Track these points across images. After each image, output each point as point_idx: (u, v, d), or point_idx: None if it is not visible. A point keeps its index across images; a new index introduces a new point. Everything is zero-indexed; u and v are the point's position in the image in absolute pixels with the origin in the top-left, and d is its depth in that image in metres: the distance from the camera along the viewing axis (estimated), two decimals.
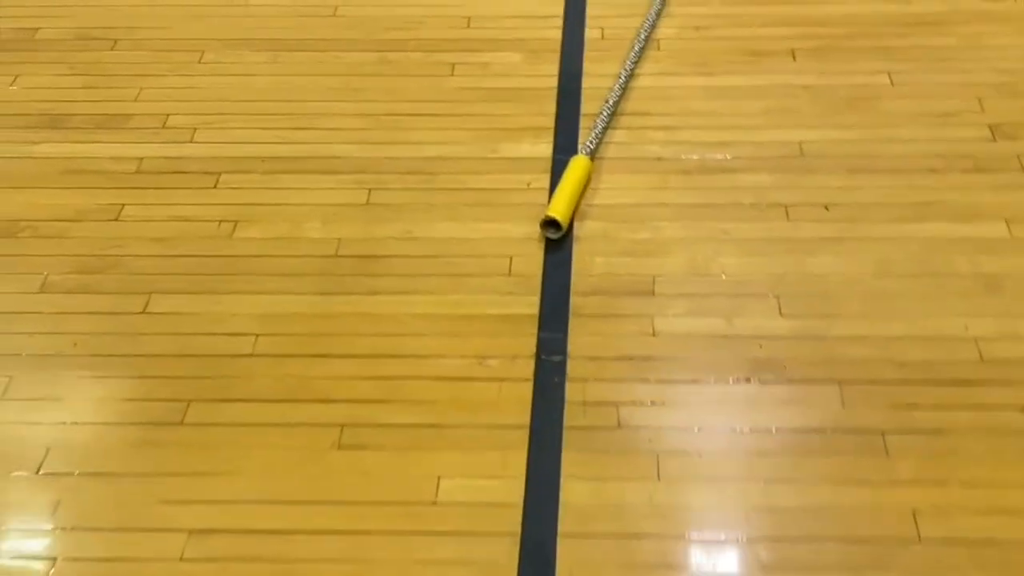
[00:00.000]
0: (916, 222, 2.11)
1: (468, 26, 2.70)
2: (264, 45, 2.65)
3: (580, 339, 1.92)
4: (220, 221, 2.17)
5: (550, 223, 2.10)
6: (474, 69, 2.56)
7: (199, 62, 2.61)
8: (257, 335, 1.94)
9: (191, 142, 2.37)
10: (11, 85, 2.56)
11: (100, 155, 2.35)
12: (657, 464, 1.74)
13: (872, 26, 2.64)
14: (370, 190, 2.24)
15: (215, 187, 2.25)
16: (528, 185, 2.24)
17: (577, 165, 2.21)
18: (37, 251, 2.13)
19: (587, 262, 2.06)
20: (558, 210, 2.10)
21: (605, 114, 2.37)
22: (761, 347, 1.89)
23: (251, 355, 1.91)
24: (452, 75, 2.55)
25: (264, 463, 1.76)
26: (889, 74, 2.48)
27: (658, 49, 2.60)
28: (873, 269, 2.02)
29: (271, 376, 1.88)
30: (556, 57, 2.59)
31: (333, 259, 2.08)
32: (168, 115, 2.44)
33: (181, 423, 1.81)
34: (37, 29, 2.73)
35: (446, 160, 2.30)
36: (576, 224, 2.14)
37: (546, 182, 2.24)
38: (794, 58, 2.54)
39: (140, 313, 2.00)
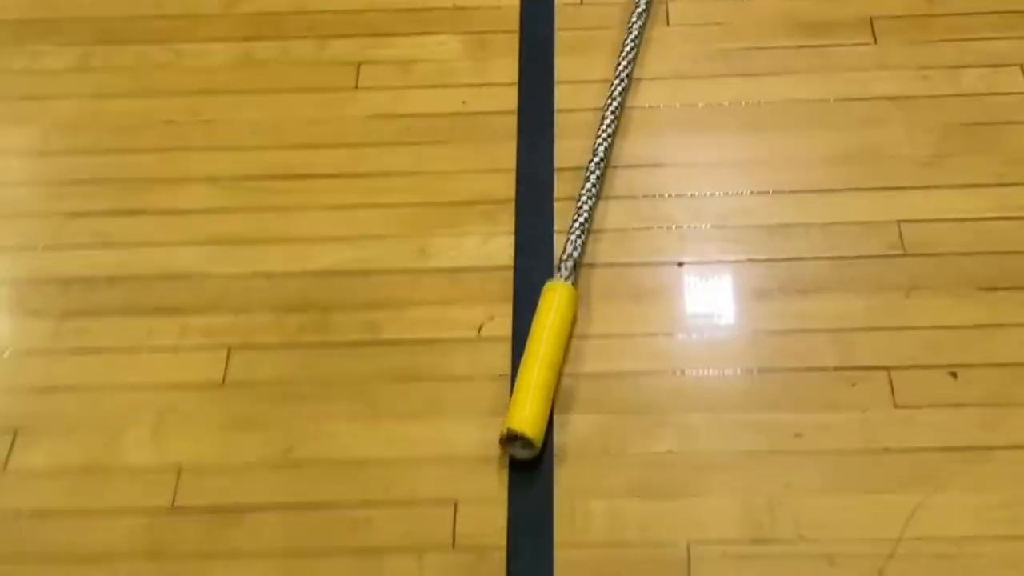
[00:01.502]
0: None
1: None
2: None
3: None
4: None
5: (515, 438, 1.29)
6: (392, 74, 1.66)
7: None
8: None
9: None
10: None
11: None
12: None
13: None
14: (229, 350, 1.41)
15: None
16: (479, 331, 1.41)
17: (552, 305, 1.37)
18: None
19: (575, 521, 1.26)
20: (525, 420, 1.28)
21: (588, 192, 1.49)
22: None
23: None
24: (356, 88, 1.65)
25: None
26: None
27: None
28: None
29: None
30: (515, 42, 1.69)
31: (168, 516, 1.29)
32: None
33: None
34: None
35: (348, 276, 1.46)
36: (556, 420, 1.33)
37: (507, 323, 1.41)
38: None
39: None
